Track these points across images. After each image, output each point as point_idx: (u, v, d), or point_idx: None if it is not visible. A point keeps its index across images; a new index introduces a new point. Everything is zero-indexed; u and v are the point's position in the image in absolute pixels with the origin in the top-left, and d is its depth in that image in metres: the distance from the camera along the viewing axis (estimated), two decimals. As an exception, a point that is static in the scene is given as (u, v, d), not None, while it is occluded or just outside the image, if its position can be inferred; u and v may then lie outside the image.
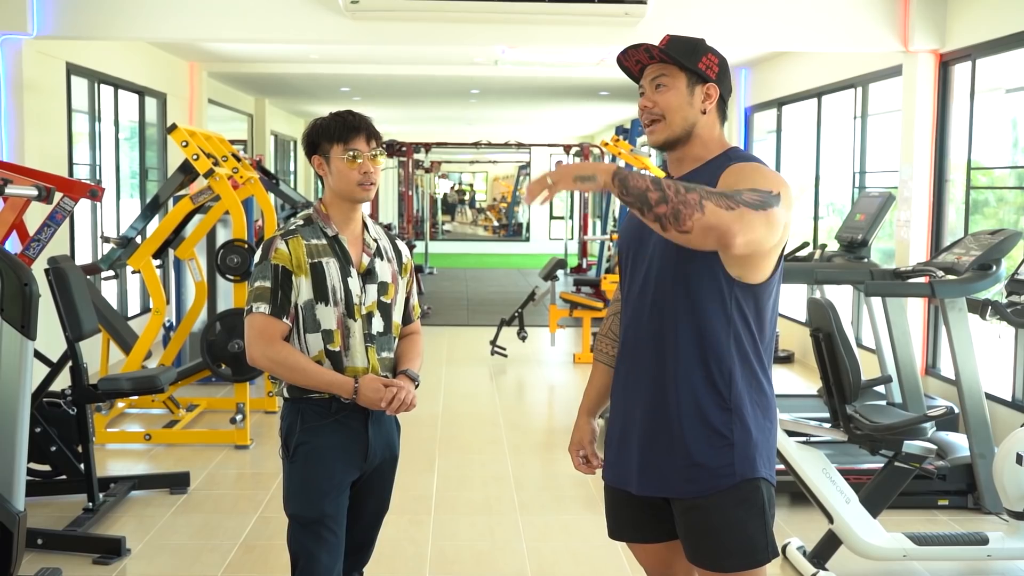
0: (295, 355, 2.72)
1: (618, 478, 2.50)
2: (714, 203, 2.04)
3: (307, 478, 2.75)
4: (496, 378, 8.66)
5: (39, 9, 6.84)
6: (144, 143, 10.08)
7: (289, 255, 2.72)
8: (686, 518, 2.38)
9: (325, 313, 2.73)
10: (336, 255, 2.76)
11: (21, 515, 3.52)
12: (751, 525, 2.34)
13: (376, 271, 2.82)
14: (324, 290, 2.73)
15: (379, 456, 2.84)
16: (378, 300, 2.81)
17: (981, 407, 4.75)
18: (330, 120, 2.81)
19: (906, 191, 7.22)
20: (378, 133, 2.85)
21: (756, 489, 2.34)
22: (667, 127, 2.38)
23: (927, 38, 7.01)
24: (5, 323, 3.54)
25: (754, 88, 11.09)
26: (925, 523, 4.84)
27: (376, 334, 2.80)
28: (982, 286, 4.67)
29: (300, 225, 2.79)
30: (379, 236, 2.90)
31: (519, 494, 5.36)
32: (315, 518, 2.73)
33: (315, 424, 2.75)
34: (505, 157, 25.52)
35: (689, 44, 2.39)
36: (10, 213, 4.66)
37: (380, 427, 2.83)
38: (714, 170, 2.33)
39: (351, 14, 6.98)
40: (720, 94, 2.40)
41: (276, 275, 2.71)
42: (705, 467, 2.32)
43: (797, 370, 9.00)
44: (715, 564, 2.36)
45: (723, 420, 2.33)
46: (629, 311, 2.45)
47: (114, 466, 5.84)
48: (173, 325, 7.63)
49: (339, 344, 2.74)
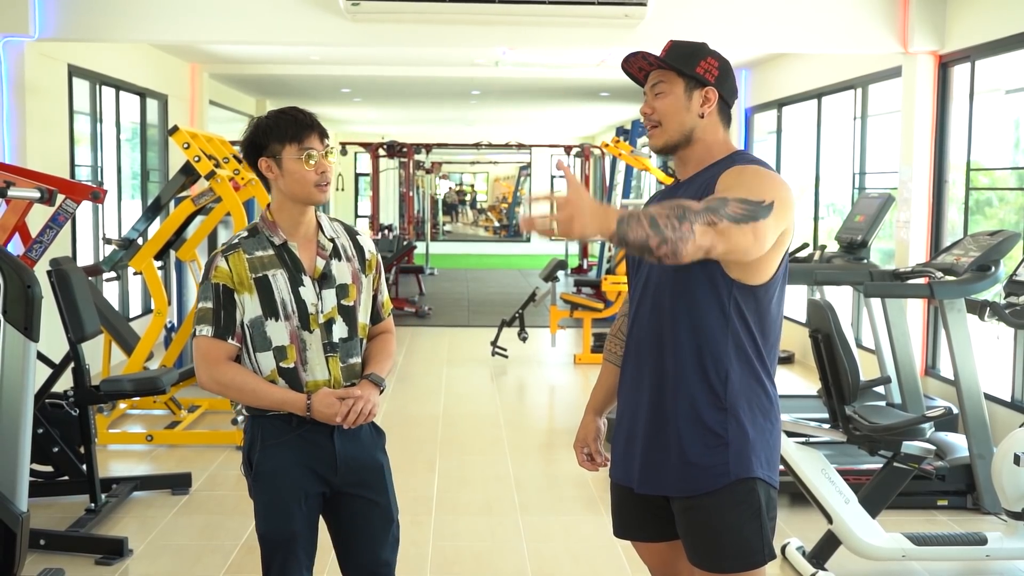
0: (242, 375, 2.60)
1: (623, 476, 2.52)
2: (701, 224, 2.05)
3: (272, 498, 2.65)
4: (497, 379, 8.68)
5: (41, 11, 6.86)
6: (146, 144, 10.10)
7: (230, 272, 2.59)
8: (684, 518, 2.41)
9: (276, 329, 2.59)
10: (285, 264, 2.61)
11: (24, 516, 3.54)
12: (747, 527, 2.35)
13: (333, 274, 2.65)
14: (273, 304, 2.59)
15: (353, 468, 2.67)
16: (338, 304, 2.65)
17: (980, 408, 4.76)
18: (277, 118, 2.64)
19: (905, 192, 7.23)
20: (326, 130, 2.71)
21: (752, 490, 2.35)
22: (664, 132, 2.41)
23: (926, 39, 7.02)
24: (8, 325, 3.56)
25: (754, 89, 11.10)
26: (924, 523, 4.85)
27: (339, 341, 2.65)
28: (981, 287, 4.69)
29: (244, 237, 2.65)
30: (337, 234, 2.72)
31: (519, 495, 5.37)
32: (284, 539, 2.63)
33: (275, 441, 2.64)
34: (506, 158, 25.54)
35: (688, 49, 2.41)
36: (12, 215, 4.68)
37: (349, 438, 2.66)
38: (718, 174, 2.34)
39: (351, 16, 7.00)
40: (722, 97, 2.40)
41: (218, 295, 2.59)
42: (699, 466, 2.34)
43: (797, 371, 9.02)
44: (712, 564, 2.38)
45: (718, 420, 2.34)
46: (634, 312, 2.48)
47: (116, 467, 5.86)
48: (175, 326, 7.65)
49: (293, 360, 2.60)
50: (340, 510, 2.72)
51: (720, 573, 2.37)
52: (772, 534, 2.41)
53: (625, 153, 10.91)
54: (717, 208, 2.10)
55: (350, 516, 2.72)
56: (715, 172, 2.35)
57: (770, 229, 2.18)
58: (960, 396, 4.78)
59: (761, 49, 9.19)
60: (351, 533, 2.73)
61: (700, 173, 2.40)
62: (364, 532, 2.73)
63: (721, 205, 2.11)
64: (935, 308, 6.85)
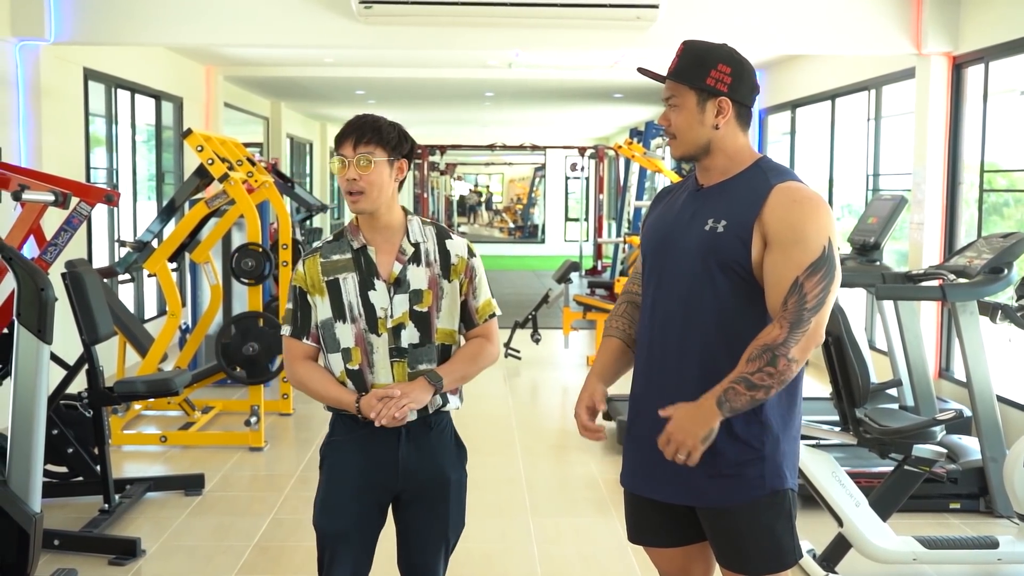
0: (309, 373, 2.67)
1: (642, 486, 2.51)
2: (796, 345, 2.21)
3: (327, 492, 2.70)
4: (510, 380, 8.69)
5: (57, 15, 6.91)
6: (160, 147, 10.16)
7: (304, 275, 2.66)
8: (714, 523, 2.41)
9: (344, 331, 2.63)
10: (358, 268, 2.63)
11: (38, 516, 3.57)
12: (779, 529, 2.38)
13: (408, 279, 2.64)
14: (341, 307, 2.63)
15: (416, 476, 2.69)
16: (411, 310, 2.63)
17: (993, 410, 4.73)
18: (345, 123, 2.65)
19: (919, 193, 7.21)
20: (378, 134, 2.60)
21: (784, 498, 2.38)
22: (681, 144, 2.42)
23: (940, 41, 6.99)
24: (22, 327, 3.59)
25: (768, 90, 11.07)
26: (936, 526, 4.83)
27: (409, 347, 2.63)
28: (993, 289, 4.66)
29: (328, 241, 2.71)
30: (424, 238, 2.69)
31: (531, 496, 5.38)
32: (331, 533, 2.68)
33: (341, 438, 2.70)
34: (520, 159, 25.55)
35: (699, 57, 2.37)
36: (27, 218, 4.71)
37: (417, 447, 2.68)
38: (750, 188, 2.34)
39: (364, 18, 7.02)
40: (739, 101, 2.37)
41: (295, 296, 2.68)
42: (735, 478, 2.35)
43: (809, 373, 8.98)
44: (743, 567, 2.40)
45: (754, 433, 2.34)
46: (653, 317, 2.44)
47: (130, 468, 5.89)
48: (189, 328, 7.69)
49: (359, 362, 2.62)
50: (399, 515, 2.76)
51: (750, 575, 2.40)
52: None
53: (638, 155, 10.90)
54: (799, 311, 2.21)
55: (406, 524, 2.75)
56: (746, 185, 2.35)
57: (836, 279, 2.28)
58: (973, 399, 4.76)
59: (774, 50, 9.17)
60: (405, 539, 2.76)
61: (726, 184, 2.39)
62: (416, 542, 2.75)
63: (800, 306, 2.21)
64: (948, 311, 6.81)
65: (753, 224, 2.29)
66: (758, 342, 2.23)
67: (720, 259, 2.31)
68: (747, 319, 2.33)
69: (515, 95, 14.42)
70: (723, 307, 2.33)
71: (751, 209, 2.30)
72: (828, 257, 2.25)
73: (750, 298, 2.33)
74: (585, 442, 6.46)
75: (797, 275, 2.23)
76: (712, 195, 2.39)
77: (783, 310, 2.23)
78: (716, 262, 2.32)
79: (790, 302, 2.22)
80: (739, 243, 2.30)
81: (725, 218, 2.33)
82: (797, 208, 2.28)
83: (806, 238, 2.25)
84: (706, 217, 2.36)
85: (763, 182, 2.33)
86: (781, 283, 2.25)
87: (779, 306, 2.25)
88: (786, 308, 2.22)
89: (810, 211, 2.28)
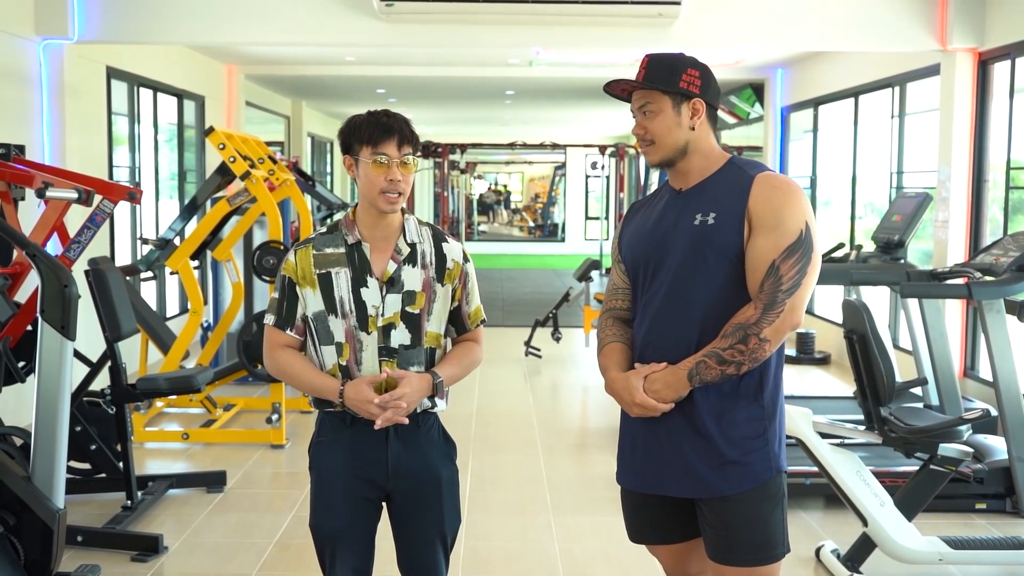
0: (291, 360, 2.63)
1: (643, 483, 2.53)
2: (770, 325, 2.30)
3: (319, 493, 2.69)
4: (530, 378, 8.68)
5: (80, 14, 6.96)
6: (183, 145, 10.21)
7: (295, 266, 2.62)
8: (716, 514, 2.43)
9: (336, 325, 2.59)
10: (351, 264, 2.60)
11: (61, 512, 3.59)
12: (771, 519, 2.42)
13: (402, 279, 2.61)
14: (332, 301, 2.59)
15: (406, 475, 2.65)
16: (402, 310, 2.60)
17: (1019, 409, 4.67)
18: (364, 119, 2.59)
19: (944, 191, 7.14)
20: (414, 136, 2.62)
21: (780, 482, 2.45)
22: (659, 149, 2.47)
23: (965, 37, 6.93)
24: (46, 324, 3.61)
25: (791, 87, 11.02)
26: (962, 527, 4.79)
27: (399, 347, 2.60)
28: (1020, 287, 4.60)
29: (321, 233, 2.67)
30: (420, 239, 2.66)
31: (552, 495, 5.36)
32: (328, 533, 2.66)
33: (329, 437, 2.66)
34: (541, 158, 25.55)
35: (667, 64, 2.45)
36: (51, 215, 4.73)
37: (406, 445, 2.64)
38: (732, 182, 2.41)
39: (385, 17, 7.03)
40: (709, 102, 2.46)
41: (283, 286, 2.64)
42: (739, 464, 2.39)
43: (833, 371, 8.93)
44: (735, 559, 2.42)
45: (758, 419, 2.41)
46: (649, 320, 2.47)
47: (152, 464, 5.92)
48: (211, 325, 7.71)
49: (347, 358, 2.59)
50: (394, 515, 2.73)
51: (745, 566, 2.42)
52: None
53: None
54: (774, 292, 2.29)
55: (401, 523, 2.72)
56: (726, 183, 2.41)
57: (817, 258, 2.36)
58: (999, 397, 4.70)
59: (797, 48, 9.11)
60: (401, 539, 2.73)
61: (705, 183, 2.45)
62: (412, 541, 2.72)
63: (776, 288, 2.29)
64: (974, 309, 6.75)
65: (743, 213, 2.36)
66: (733, 321, 2.34)
67: (714, 248, 2.37)
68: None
69: (535, 93, 14.41)
70: (718, 298, 2.38)
71: (738, 200, 2.37)
72: (805, 240, 2.33)
73: (745, 288, 2.38)
74: (606, 441, 6.44)
75: (774, 258, 2.32)
76: (693, 195, 2.46)
77: (760, 292, 2.32)
78: (711, 251, 2.37)
79: (766, 284, 2.31)
80: (732, 231, 2.37)
81: (714, 211, 2.39)
82: (778, 194, 2.36)
83: (784, 222, 2.33)
84: (693, 213, 2.42)
85: (742, 175, 2.42)
86: (760, 267, 2.33)
87: (757, 288, 2.33)
88: (762, 290, 2.32)
89: (788, 196, 2.36)
